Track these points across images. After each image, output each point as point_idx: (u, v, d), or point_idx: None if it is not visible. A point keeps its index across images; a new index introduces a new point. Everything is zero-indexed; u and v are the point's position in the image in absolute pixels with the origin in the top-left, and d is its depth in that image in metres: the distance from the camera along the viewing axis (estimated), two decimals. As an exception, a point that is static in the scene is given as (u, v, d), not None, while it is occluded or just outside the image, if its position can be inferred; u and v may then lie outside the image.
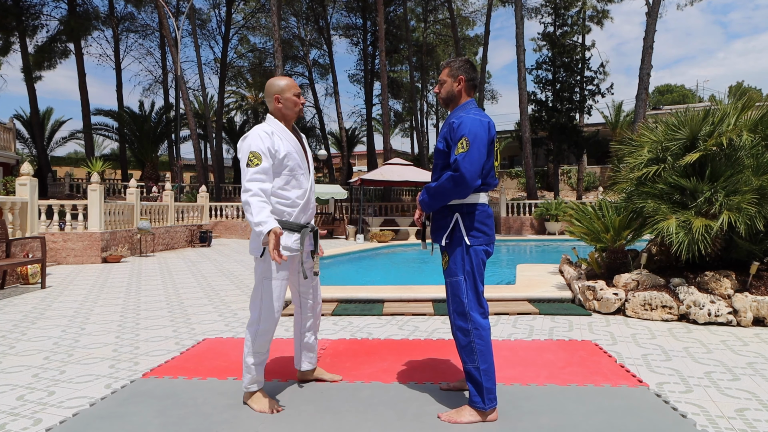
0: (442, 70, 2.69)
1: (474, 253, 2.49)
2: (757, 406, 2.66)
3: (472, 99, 2.63)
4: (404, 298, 5.53)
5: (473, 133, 2.39)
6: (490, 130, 2.47)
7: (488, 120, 2.49)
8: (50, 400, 2.82)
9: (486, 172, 2.51)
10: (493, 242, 2.59)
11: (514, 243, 15.72)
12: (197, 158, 25.12)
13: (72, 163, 38.54)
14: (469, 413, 2.47)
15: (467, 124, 2.42)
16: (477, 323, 2.46)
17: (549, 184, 29.42)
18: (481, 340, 2.45)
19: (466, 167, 2.36)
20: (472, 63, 2.67)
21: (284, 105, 2.68)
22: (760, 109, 5.19)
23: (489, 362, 2.45)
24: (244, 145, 2.56)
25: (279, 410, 2.61)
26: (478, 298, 2.49)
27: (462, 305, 2.49)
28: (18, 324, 4.75)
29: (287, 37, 30.90)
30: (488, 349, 2.46)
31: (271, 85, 2.70)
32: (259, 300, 2.64)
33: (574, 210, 6.61)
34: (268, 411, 2.58)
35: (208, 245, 14.42)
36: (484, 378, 2.43)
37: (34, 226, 8.83)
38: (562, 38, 24.16)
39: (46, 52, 25.66)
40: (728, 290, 4.61)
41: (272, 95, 2.68)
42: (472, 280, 2.48)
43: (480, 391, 2.44)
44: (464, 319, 2.48)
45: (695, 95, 43.45)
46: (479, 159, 2.38)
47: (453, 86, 2.61)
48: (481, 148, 2.39)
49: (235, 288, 6.88)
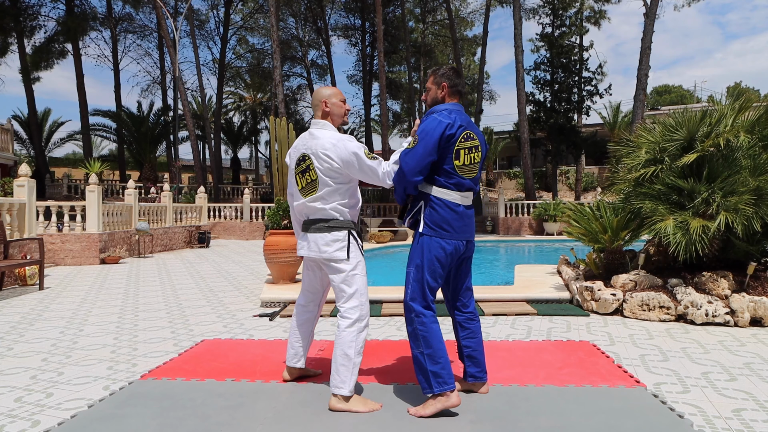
0: (428, 78, 2.82)
1: (427, 248, 2.61)
2: (754, 407, 2.67)
3: (454, 102, 2.74)
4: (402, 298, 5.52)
5: (424, 132, 2.57)
6: (450, 128, 2.57)
7: (452, 120, 2.59)
8: (48, 402, 2.82)
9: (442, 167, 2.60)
10: (458, 241, 2.65)
11: (513, 243, 15.74)
12: (195, 159, 25.09)
13: (70, 164, 38.44)
14: (431, 405, 2.54)
15: (424, 123, 2.62)
16: (417, 311, 2.59)
17: (547, 185, 29.46)
18: (422, 326, 2.56)
19: (405, 161, 2.56)
20: (457, 70, 2.78)
21: (332, 110, 2.81)
22: (758, 110, 5.21)
23: (434, 347, 2.54)
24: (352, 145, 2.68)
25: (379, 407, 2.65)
26: (422, 291, 2.61)
27: (406, 294, 2.64)
28: (16, 325, 4.74)
29: (286, 37, 30.90)
30: (432, 335, 2.55)
31: (318, 93, 2.84)
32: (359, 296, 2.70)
33: (572, 210, 6.62)
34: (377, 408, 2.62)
35: (207, 246, 14.41)
36: (428, 362, 2.52)
37: (32, 227, 8.81)
38: (560, 39, 24.18)
39: (44, 53, 25.62)
40: (726, 291, 4.62)
41: (320, 100, 2.81)
42: (420, 273, 2.61)
43: (426, 375, 2.53)
44: (407, 307, 2.63)
45: (693, 96, 43.54)
46: (422, 155, 2.53)
47: (437, 93, 2.76)
48: (427, 145, 2.54)
49: (234, 289, 6.88)
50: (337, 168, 2.66)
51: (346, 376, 2.60)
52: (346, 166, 2.66)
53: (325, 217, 2.71)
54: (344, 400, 2.61)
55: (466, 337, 2.84)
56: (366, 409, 2.59)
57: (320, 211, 2.71)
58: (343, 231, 2.70)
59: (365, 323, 2.69)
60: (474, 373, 2.84)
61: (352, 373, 2.60)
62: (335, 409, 2.60)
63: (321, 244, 2.70)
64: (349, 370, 2.60)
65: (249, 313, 5.28)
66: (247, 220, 18.15)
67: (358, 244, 2.75)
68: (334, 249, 2.67)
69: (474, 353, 2.83)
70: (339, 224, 2.70)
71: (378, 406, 2.64)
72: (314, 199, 2.72)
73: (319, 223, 2.72)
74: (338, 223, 2.70)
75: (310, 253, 2.74)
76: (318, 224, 2.72)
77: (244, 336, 4.28)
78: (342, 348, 2.62)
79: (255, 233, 17.79)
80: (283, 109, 19.92)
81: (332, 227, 2.69)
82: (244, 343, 3.99)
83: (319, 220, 2.73)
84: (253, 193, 22.28)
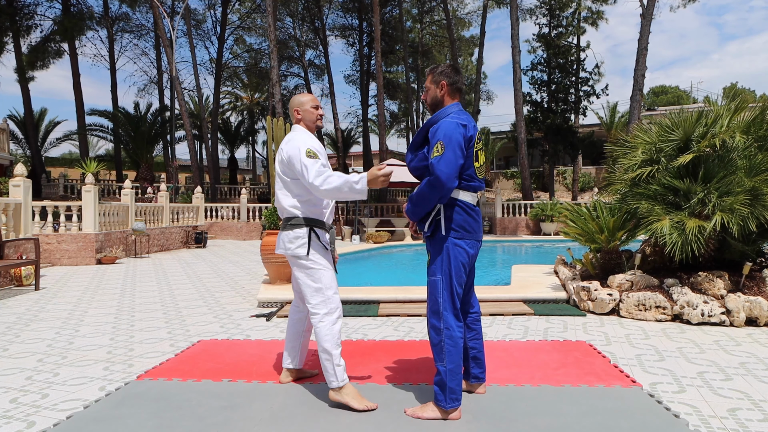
0: (426, 77, 2.79)
1: (453, 254, 2.56)
2: (749, 406, 2.68)
3: (456, 102, 2.71)
4: (400, 299, 5.53)
5: (448, 137, 2.49)
6: (467, 130, 2.55)
7: (466, 122, 2.58)
8: (44, 403, 2.81)
9: (466, 171, 2.58)
10: (476, 242, 2.65)
11: (509, 243, 15.76)
12: (192, 159, 25.06)
13: (66, 164, 38.32)
14: (431, 410, 2.54)
15: (443, 128, 2.53)
16: (448, 323, 2.53)
17: (544, 185, 29.52)
18: (450, 341, 2.51)
19: (441, 169, 2.45)
20: (456, 67, 2.74)
21: (304, 116, 2.91)
22: (753, 111, 5.23)
23: (456, 363, 2.51)
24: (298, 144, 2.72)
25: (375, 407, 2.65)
26: (453, 299, 2.55)
27: (437, 304, 2.57)
28: (11, 326, 4.72)
29: (283, 37, 30.88)
30: (457, 351, 2.51)
31: (292, 101, 2.96)
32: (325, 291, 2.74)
33: (569, 211, 6.63)
34: (371, 407, 2.63)
35: (204, 246, 14.38)
36: (449, 378, 2.50)
37: (27, 227, 8.78)
38: (557, 39, 24.24)
39: (40, 52, 25.51)
40: (721, 291, 4.64)
41: (293, 108, 2.93)
42: (449, 281, 2.55)
43: (444, 390, 2.51)
44: (437, 317, 2.56)
45: (690, 97, 43.68)
46: (455, 160, 2.47)
47: (436, 92, 2.71)
48: (455, 149, 2.48)
49: (231, 289, 6.87)
50: (285, 163, 2.75)
51: (330, 369, 2.67)
52: (289, 163, 2.73)
53: (287, 216, 2.81)
54: (338, 391, 2.67)
55: (473, 339, 2.82)
56: (360, 407, 2.61)
57: (284, 210, 2.82)
58: (304, 228, 2.76)
59: (336, 315, 2.73)
60: (477, 374, 2.84)
61: (335, 364, 2.66)
62: (333, 401, 2.70)
63: (286, 242, 2.80)
64: (332, 363, 2.66)
65: (246, 313, 5.27)
66: (244, 220, 18.13)
67: (321, 242, 2.79)
68: (296, 246, 2.75)
69: (479, 354, 2.83)
70: (299, 222, 2.77)
71: (374, 406, 2.65)
72: (276, 196, 2.85)
73: (284, 222, 2.84)
74: (298, 221, 2.77)
75: (279, 250, 2.84)
76: (283, 222, 2.84)
77: (240, 336, 4.28)
78: (320, 344, 2.69)
79: (252, 233, 17.76)
80: (280, 109, 19.89)
81: (294, 225, 2.77)
82: (240, 344, 3.99)
83: (284, 219, 2.84)
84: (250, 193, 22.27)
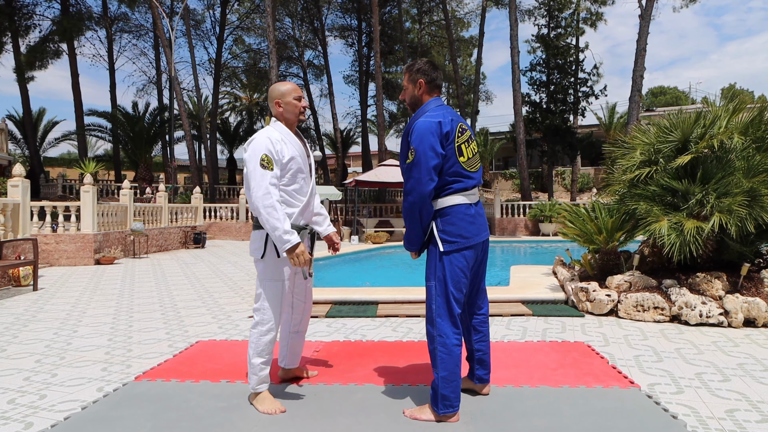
0: (403, 76, 2.68)
1: (448, 261, 2.47)
2: (747, 407, 2.68)
3: (435, 98, 2.61)
4: (398, 299, 5.53)
5: (418, 139, 2.40)
6: (443, 126, 2.42)
7: (441, 117, 2.44)
8: (42, 404, 2.81)
9: (449, 169, 2.46)
10: (474, 246, 2.52)
11: (508, 244, 15.77)
12: (191, 159, 25.05)
13: (65, 164, 38.28)
14: (427, 412, 2.52)
15: (415, 131, 2.43)
16: (442, 330, 2.45)
17: (543, 186, 29.53)
18: (444, 348, 2.43)
19: (412, 175, 2.40)
20: (433, 63, 2.64)
21: (285, 109, 2.76)
22: (751, 112, 5.24)
23: (450, 371, 2.43)
24: (255, 147, 2.62)
25: (283, 411, 2.63)
26: (448, 305, 2.46)
27: (430, 311, 2.51)
28: (9, 327, 4.71)
29: (282, 37, 30.87)
30: (451, 359, 2.43)
31: (272, 91, 2.78)
32: (263, 301, 2.69)
33: (568, 211, 6.63)
34: (272, 412, 2.60)
35: (202, 247, 14.37)
36: (442, 385, 2.44)
37: (26, 227, 8.77)
38: (556, 40, 24.24)
39: (39, 52, 25.49)
40: (719, 291, 4.64)
41: (273, 100, 2.76)
42: (443, 287, 2.47)
43: (436, 396, 2.47)
44: (431, 324, 2.50)
45: (688, 97, 43.75)
46: (425, 163, 2.38)
47: (414, 91, 2.63)
48: (426, 152, 2.38)
49: (229, 290, 6.87)
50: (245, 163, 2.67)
51: (249, 374, 2.68)
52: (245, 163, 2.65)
53: (255, 217, 2.70)
54: (252, 395, 2.72)
55: (479, 341, 2.78)
56: (262, 409, 2.61)
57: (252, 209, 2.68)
58: (262, 231, 2.67)
59: (267, 328, 2.66)
60: (482, 375, 2.82)
61: (253, 372, 2.66)
62: None
63: (250, 242, 2.78)
64: (250, 370, 2.67)
65: (244, 313, 5.27)
66: (243, 220, 18.12)
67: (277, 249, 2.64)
68: (254, 247, 2.74)
69: (485, 356, 2.79)
70: (259, 224, 2.68)
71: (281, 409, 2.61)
72: None
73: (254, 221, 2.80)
74: (259, 223, 2.69)
75: None
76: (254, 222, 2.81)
77: (239, 337, 4.27)
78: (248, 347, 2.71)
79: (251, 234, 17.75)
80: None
81: (256, 226, 2.74)
82: (239, 344, 3.98)
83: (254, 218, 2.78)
84: (249, 194, 22.24)
